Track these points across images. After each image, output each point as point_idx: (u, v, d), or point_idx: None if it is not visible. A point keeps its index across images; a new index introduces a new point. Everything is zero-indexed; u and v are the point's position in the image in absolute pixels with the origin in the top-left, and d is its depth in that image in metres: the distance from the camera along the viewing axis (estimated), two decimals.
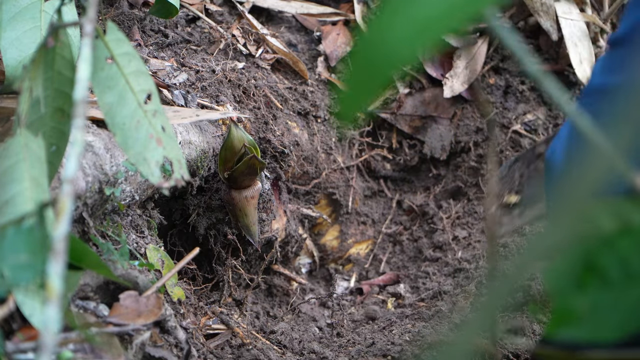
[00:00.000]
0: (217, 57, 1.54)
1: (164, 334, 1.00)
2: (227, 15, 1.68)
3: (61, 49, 0.81)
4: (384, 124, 1.87)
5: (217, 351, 1.20)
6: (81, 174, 1.00)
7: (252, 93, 1.52)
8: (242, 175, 1.35)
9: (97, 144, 1.05)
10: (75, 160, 0.65)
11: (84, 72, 0.70)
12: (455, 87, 1.80)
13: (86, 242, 1.05)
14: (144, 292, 1.00)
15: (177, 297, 1.18)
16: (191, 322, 1.18)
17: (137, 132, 0.78)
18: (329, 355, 1.36)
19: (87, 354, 0.85)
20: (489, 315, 0.45)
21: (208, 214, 1.38)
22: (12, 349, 0.80)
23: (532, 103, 1.86)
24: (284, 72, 1.68)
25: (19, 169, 0.78)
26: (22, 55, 1.07)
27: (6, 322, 0.84)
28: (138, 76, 0.80)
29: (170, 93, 1.35)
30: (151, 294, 1.00)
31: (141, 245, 1.18)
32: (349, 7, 1.86)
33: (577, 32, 1.79)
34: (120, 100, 0.79)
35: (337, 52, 1.78)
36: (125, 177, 1.10)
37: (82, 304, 0.94)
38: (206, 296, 1.41)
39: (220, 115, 1.29)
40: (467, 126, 1.84)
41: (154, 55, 1.45)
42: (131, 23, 1.50)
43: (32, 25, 1.08)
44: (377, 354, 1.39)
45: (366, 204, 1.84)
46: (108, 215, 1.13)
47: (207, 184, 1.39)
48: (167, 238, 1.38)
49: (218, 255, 1.43)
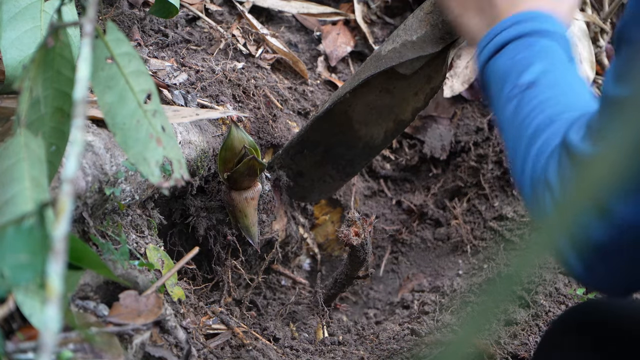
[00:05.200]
0: (217, 57, 1.54)
1: (164, 334, 1.00)
2: (227, 15, 1.68)
3: (61, 48, 0.81)
4: None
5: (217, 351, 1.20)
6: (81, 174, 1.00)
7: (252, 93, 1.52)
8: (242, 177, 1.35)
9: (97, 143, 1.05)
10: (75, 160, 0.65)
11: (84, 72, 0.70)
12: (455, 87, 1.80)
13: (86, 242, 1.05)
14: (143, 292, 1.00)
15: (177, 296, 1.18)
16: (191, 322, 1.18)
17: (137, 132, 0.78)
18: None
19: (87, 353, 0.85)
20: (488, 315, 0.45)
21: (208, 215, 1.38)
22: (12, 349, 0.80)
23: None
24: (284, 72, 1.68)
25: (19, 169, 0.78)
26: (22, 55, 1.07)
27: (6, 322, 0.84)
28: (138, 76, 0.80)
29: (170, 93, 1.35)
30: (151, 293, 1.00)
31: (141, 245, 1.18)
32: (349, 7, 1.86)
33: (577, 32, 1.79)
34: (120, 100, 0.79)
35: (337, 52, 1.79)
36: (125, 177, 1.10)
37: (82, 304, 0.95)
38: (206, 296, 1.41)
39: (220, 114, 1.29)
40: (467, 126, 1.84)
41: (154, 55, 1.45)
42: (131, 23, 1.50)
43: (32, 25, 1.08)
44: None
45: (366, 203, 1.84)
46: (108, 215, 1.13)
47: (207, 184, 1.39)
48: (167, 238, 1.38)
49: (218, 256, 1.43)
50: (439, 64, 1.37)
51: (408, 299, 1.65)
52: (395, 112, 1.47)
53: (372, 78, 1.35)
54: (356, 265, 1.39)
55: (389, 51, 1.33)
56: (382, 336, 1.46)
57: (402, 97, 1.45)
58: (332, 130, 1.50)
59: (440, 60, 1.36)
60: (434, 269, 1.76)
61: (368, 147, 1.52)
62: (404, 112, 1.47)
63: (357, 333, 1.50)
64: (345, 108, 1.48)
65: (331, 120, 1.48)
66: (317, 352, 1.38)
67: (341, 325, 1.54)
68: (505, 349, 1.32)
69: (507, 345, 1.33)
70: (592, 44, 1.82)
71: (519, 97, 1.04)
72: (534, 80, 1.05)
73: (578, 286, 1.50)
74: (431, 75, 1.40)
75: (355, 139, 1.51)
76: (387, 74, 1.37)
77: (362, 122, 1.49)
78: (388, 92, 1.45)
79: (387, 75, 1.40)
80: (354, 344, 1.45)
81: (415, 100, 1.44)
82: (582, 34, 1.80)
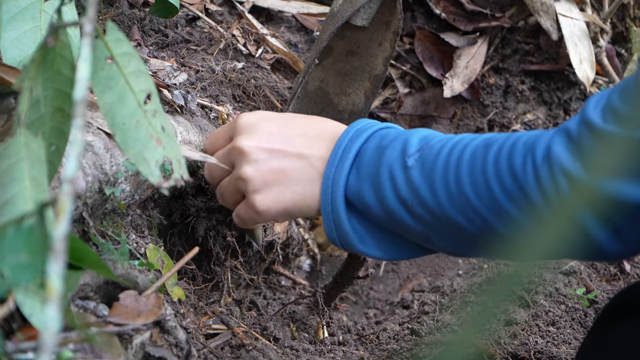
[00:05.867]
0: (217, 57, 1.54)
1: (164, 334, 1.00)
2: (227, 15, 1.68)
3: (61, 48, 0.81)
4: None
5: (217, 351, 1.20)
6: (81, 174, 1.00)
7: (252, 93, 1.51)
8: None
9: (97, 143, 1.05)
10: (75, 160, 0.65)
11: (84, 72, 0.70)
12: (455, 87, 1.80)
13: (86, 242, 1.05)
14: (143, 292, 1.00)
15: (177, 296, 1.18)
16: (191, 322, 1.18)
17: (137, 132, 0.78)
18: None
19: (87, 353, 0.85)
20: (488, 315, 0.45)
21: (208, 215, 1.38)
22: (12, 349, 0.80)
23: (532, 103, 1.86)
24: (284, 72, 1.68)
25: (19, 169, 0.78)
26: (22, 55, 1.07)
27: (6, 322, 0.84)
28: (138, 76, 0.80)
29: (170, 93, 1.35)
30: (151, 293, 1.00)
31: (141, 245, 1.18)
32: None
33: (577, 32, 1.79)
34: (120, 100, 0.79)
35: None
36: (125, 177, 1.10)
37: (82, 304, 0.94)
38: (206, 296, 1.41)
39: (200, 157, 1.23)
40: (467, 126, 1.84)
41: (154, 55, 1.45)
42: (131, 23, 1.50)
43: (32, 25, 1.08)
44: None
45: None
46: (108, 215, 1.13)
47: (207, 184, 1.39)
48: (167, 238, 1.38)
49: (217, 256, 1.43)
50: (392, 6, 1.39)
51: (408, 299, 1.65)
52: (367, 71, 1.48)
53: (335, 45, 1.37)
54: (356, 265, 1.39)
55: (340, 5, 1.35)
56: (382, 336, 1.46)
57: (368, 53, 1.46)
58: (314, 110, 1.51)
59: (391, 1, 1.38)
60: (434, 269, 1.76)
61: (354, 114, 1.52)
62: (375, 66, 1.48)
63: (357, 333, 1.50)
64: (319, 84, 1.49)
65: (310, 102, 1.49)
66: (317, 352, 1.38)
67: (341, 325, 1.54)
68: (505, 349, 1.32)
69: (507, 345, 1.33)
70: (592, 44, 1.81)
71: (420, 160, 1.01)
72: (423, 142, 1.03)
73: (578, 286, 1.50)
74: (388, 20, 1.42)
75: (339, 112, 1.52)
76: (347, 34, 1.39)
77: (340, 92, 1.50)
78: (354, 54, 1.47)
79: (347, 37, 1.42)
80: (354, 344, 1.45)
81: (382, 50, 1.45)
82: (582, 34, 1.80)
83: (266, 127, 1.12)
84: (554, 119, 1.85)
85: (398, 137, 1.05)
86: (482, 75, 1.84)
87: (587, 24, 1.81)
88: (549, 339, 1.36)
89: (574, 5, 1.82)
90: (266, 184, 1.10)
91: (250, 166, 1.11)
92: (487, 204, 0.95)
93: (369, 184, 1.04)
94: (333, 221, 1.08)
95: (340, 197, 1.07)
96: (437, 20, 1.85)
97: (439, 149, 1.00)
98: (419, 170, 1.00)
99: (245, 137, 1.12)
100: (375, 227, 1.08)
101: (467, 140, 0.99)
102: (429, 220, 1.00)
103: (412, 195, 1.00)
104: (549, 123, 1.85)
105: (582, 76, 1.78)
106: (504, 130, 1.84)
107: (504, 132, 1.02)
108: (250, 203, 1.13)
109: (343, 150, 1.07)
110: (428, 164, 1.00)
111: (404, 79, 1.87)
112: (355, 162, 1.06)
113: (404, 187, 1.01)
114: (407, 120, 1.85)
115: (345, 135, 1.08)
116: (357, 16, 1.37)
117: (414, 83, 1.86)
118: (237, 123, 1.15)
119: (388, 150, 1.04)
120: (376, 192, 1.04)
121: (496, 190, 0.94)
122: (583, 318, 1.43)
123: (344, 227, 1.07)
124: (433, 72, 1.83)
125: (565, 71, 1.85)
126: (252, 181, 1.11)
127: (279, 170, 1.10)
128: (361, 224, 1.08)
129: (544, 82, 1.86)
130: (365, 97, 1.51)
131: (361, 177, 1.05)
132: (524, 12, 1.85)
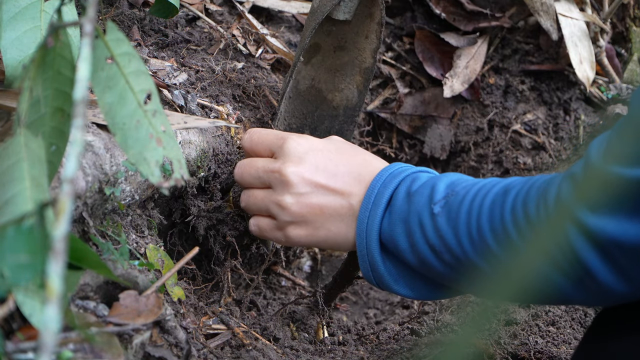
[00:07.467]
0: (217, 57, 1.54)
1: (164, 334, 1.00)
2: (227, 15, 1.68)
3: (61, 48, 0.81)
4: (384, 124, 1.87)
5: (217, 351, 1.20)
6: (81, 174, 1.00)
7: (252, 93, 1.51)
8: None
9: (97, 143, 1.05)
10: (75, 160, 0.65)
11: (84, 72, 0.70)
12: (455, 87, 1.80)
13: (86, 242, 1.05)
14: (143, 292, 1.00)
15: (177, 296, 1.18)
16: (191, 322, 1.18)
17: (137, 132, 0.78)
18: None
19: (87, 353, 0.85)
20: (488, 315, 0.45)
21: (208, 215, 1.38)
22: (12, 349, 0.80)
23: (532, 103, 1.86)
24: (284, 72, 1.67)
25: (19, 169, 0.78)
26: (22, 55, 1.07)
27: (6, 322, 0.84)
28: (138, 76, 0.80)
29: (170, 93, 1.35)
30: (151, 293, 1.00)
31: (141, 245, 1.18)
32: None
33: (577, 32, 1.79)
34: (120, 100, 0.79)
35: None
36: (125, 177, 1.10)
37: (82, 304, 0.95)
38: (206, 296, 1.41)
39: (209, 124, 1.28)
40: (467, 126, 1.84)
41: (154, 55, 1.45)
42: (131, 23, 1.50)
43: (32, 25, 1.08)
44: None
45: None
46: (108, 215, 1.13)
47: (207, 184, 1.39)
48: (167, 238, 1.38)
49: (217, 256, 1.43)
50: None
51: (408, 299, 1.65)
52: (357, 64, 1.49)
53: (322, 42, 1.38)
54: (356, 265, 1.39)
55: (320, 0, 1.35)
56: (382, 336, 1.46)
57: (356, 46, 1.47)
58: (309, 109, 1.51)
59: None
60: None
61: (349, 109, 1.53)
62: (364, 59, 1.48)
63: (357, 333, 1.50)
64: (311, 83, 1.49)
65: (303, 101, 1.49)
66: (317, 352, 1.38)
67: (341, 325, 1.54)
68: (505, 349, 1.32)
69: (507, 345, 1.33)
70: (592, 44, 1.82)
71: (446, 208, 1.03)
72: (450, 189, 1.05)
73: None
74: (371, 12, 1.42)
75: (334, 108, 1.53)
76: (332, 30, 1.40)
77: (333, 89, 1.51)
78: (342, 49, 1.47)
79: (334, 33, 1.43)
80: (354, 344, 1.45)
81: (369, 43, 1.46)
82: (582, 34, 1.80)
83: (314, 158, 1.15)
84: (554, 119, 1.85)
85: (427, 183, 1.07)
86: (482, 75, 1.84)
87: (587, 24, 1.81)
88: (549, 339, 1.36)
89: (574, 5, 1.82)
90: (303, 218, 1.14)
91: (292, 198, 1.14)
92: (507, 249, 0.96)
93: (401, 229, 1.07)
94: (369, 263, 1.12)
95: (375, 241, 1.10)
96: (437, 20, 1.85)
97: (463, 196, 1.02)
98: (445, 217, 1.03)
99: (292, 165, 1.15)
100: (408, 269, 1.11)
101: (490, 186, 1.02)
102: (455, 265, 1.02)
103: (440, 241, 1.03)
104: (548, 123, 1.85)
105: (582, 76, 1.78)
106: (504, 130, 1.84)
107: (523, 177, 1.03)
108: (281, 229, 1.16)
109: (376, 195, 1.10)
110: (453, 212, 1.02)
111: (404, 79, 1.87)
112: (389, 207, 1.09)
113: (432, 233, 1.04)
114: (407, 120, 1.85)
115: (378, 179, 1.11)
116: (339, 10, 1.38)
117: (414, 83, 1.86)
118: (286, 146, 1.17)
119: (417, 196, 1.06)
120: (408, 237, 1.06)
121: (514, 237, 0.95)
122: (583, 318, 1.43)
123: (380, 270, 1.11)
124: (433, 72, 1.83)
125: (565, 71, 1.84)
126: (290, 212, 1.14)
127: (318, 207, 1.13)
128: (395, 267, 1.11)
129: (544, 82, 1.86)
130: (358, 91, 1.51)
131: (393, 221, 1.08)
132: (524, 12, 1.85)
